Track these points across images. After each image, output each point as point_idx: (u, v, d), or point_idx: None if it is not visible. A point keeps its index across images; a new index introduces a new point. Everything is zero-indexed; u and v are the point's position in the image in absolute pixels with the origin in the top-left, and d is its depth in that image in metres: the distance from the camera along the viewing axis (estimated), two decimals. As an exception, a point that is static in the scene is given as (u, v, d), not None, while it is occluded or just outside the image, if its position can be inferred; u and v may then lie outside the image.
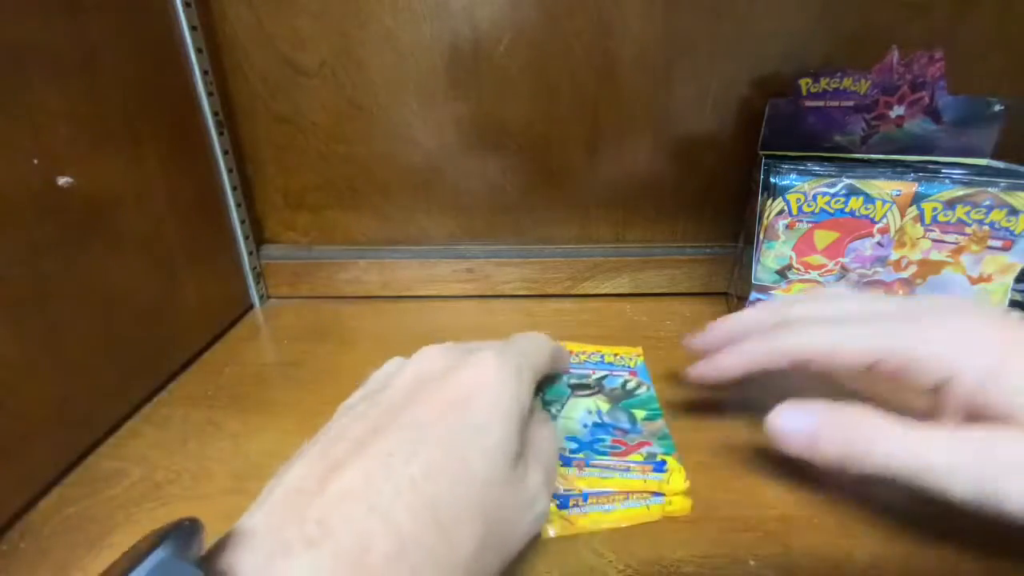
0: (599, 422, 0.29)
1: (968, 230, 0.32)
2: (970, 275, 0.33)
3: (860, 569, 0.21)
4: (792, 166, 0.34)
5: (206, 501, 0.26)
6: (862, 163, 0.35)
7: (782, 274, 0.36)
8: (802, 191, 0.34)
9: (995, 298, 0.33)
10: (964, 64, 0.34)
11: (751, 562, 0.22)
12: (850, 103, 0.35)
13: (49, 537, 0.24)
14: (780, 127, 0.38)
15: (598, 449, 0.27)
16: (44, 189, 0.26)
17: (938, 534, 0.22)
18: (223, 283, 0.42)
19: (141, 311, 0.33)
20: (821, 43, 0.39)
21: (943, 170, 0.33)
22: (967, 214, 0.31)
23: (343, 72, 0.40)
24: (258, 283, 0.46)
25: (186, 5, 0.35)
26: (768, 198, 0.35)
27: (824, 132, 0.37)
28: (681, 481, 0.25)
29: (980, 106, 0.34)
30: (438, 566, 0.16)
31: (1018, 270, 0.32)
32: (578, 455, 0.27)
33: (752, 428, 0.28)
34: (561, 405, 0.31)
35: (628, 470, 0.26)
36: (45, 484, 0.26)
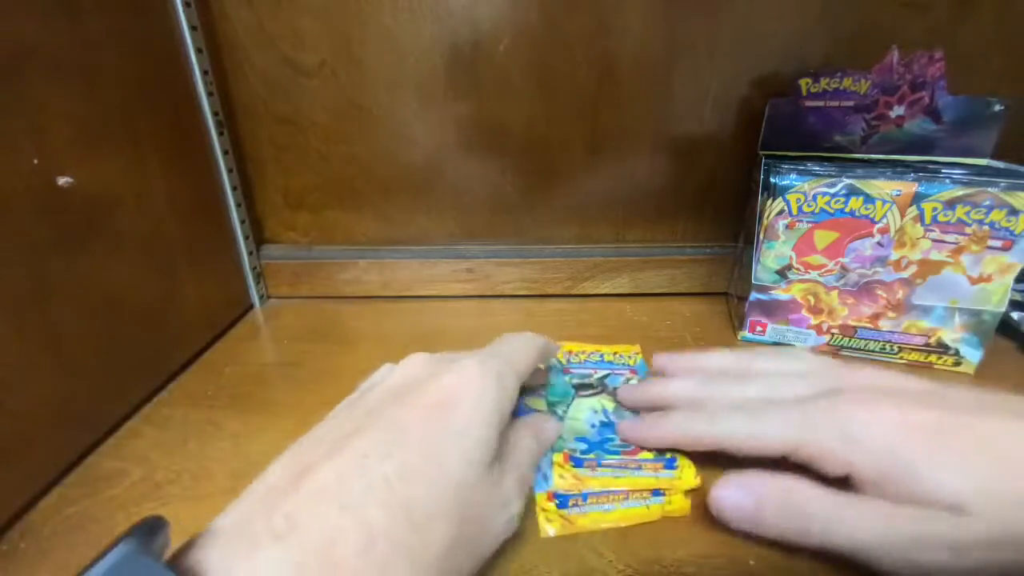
0: (606, 421, 0.29)
1: (968, 230, 0.32)
2: (970, 275, 0.33)
3: (860, 569, 0.21)
4: (792, 166, 0.34)
5: (206, 501, 0.26)
6: (862, 163, 0.35)
7: (782, 274, 0.37)
8: (802, 191, 0.34)
9: (995, 298, 0.33)
10: (964, 64, 0.34)
11: (751, 562, 0.22)
12: (850, 103, 0.35)
13: (49, 537, 0.24)
14: (780, 127, 0.38)
15: (608, 449, 0.27)
16: (44, 189, 0.26)
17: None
18: (223, 283, 0.42)
19: (141, 311, 0.33)
20: (821, 43, 0.39)
21: (943, 170, 0.33)
22: (967, 214, 0.31)
23: (343, 72, 0.40)
24: (258, 283, 0.46)
25: (186, 5, 0.35)
26: (768, 198, 0.35)
27: (824, 132, 0.37)
28: (692, 477, 0.25)
29: (980, 106, 0.34)
30: (409, 562, 0.16)
31: (1018, 270, 0.32)
32: (589, 456, 0.27)
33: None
34: (567, 406, 0.31)
35: (639, 468, 0.26)
36: (45, 484, 0.26)
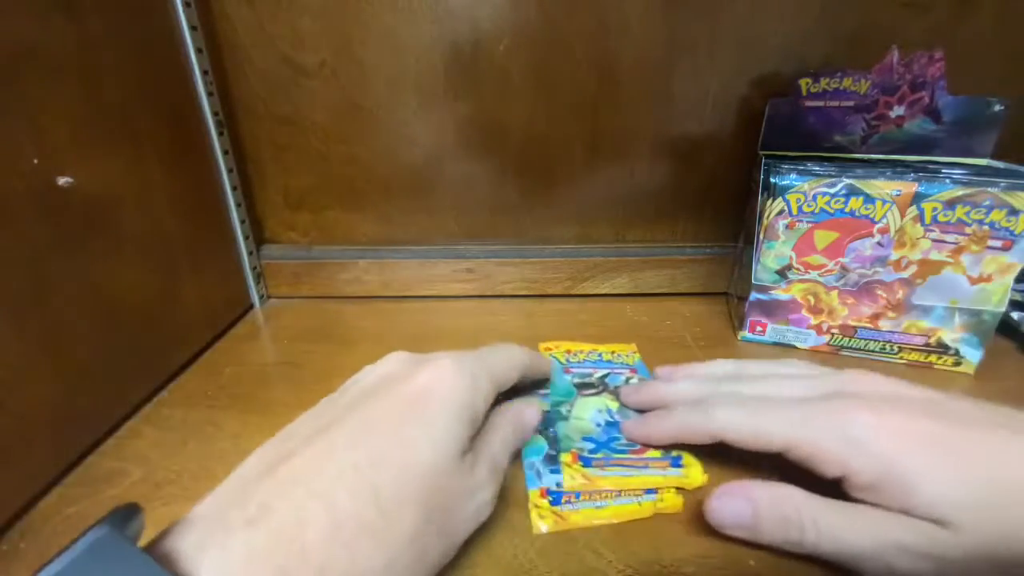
0: (611, 421, 0.29)
1: (968, 230, 0.32)
2: (970, 275, 0.33)
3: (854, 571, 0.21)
4: (792, 166, 0.34)
5: (206, 501, 0.26)
6: (862, 163, 0.35)
7: (782, 274, 0.37)
8: (802, 191, 0.34)
9: (995, 298, 0.33)
10: (964, 64, 0.34)
11: (751, 562, 0.22)
12: (850, 103, 0.35)
13: (49, 537, 0.24)
14: (780, 127, 0.38)
15: (615, 448, 0.27)
16: (44, 189, 0.26)
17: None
18: (223, 283, 0.42)
19: (141, 311, 0.33)
20: (821, 43, 0.39)
21: (943, 170, 0.33)
22: (967, 214, 0.31)
23: (343, 72, 0.40)
24: (258, 283, 0.46)
25: (186, 5, 0.35)
26: (768, 198, 0.35)
27: (824, 132, 0.37)
28: (699, 475, 0.26)
29: (980, 106, 0.34)
30: (377, 544, 0.17)
31: (1018, 270, 0.32)
32: (597, 455, 0.27)
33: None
34: (570, 405, 0.31)
35: (647, 467, 0.26)
36: (45, 484, 0.26)
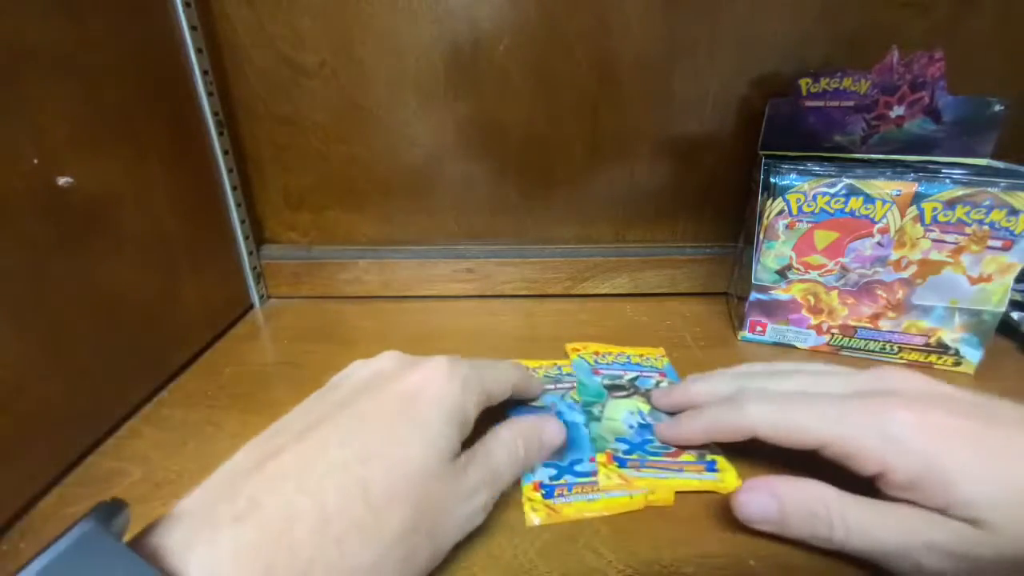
0: (643, 423, 0.29)
1: (968, 230, 0.32)
2: (970, 275, 0.33)
3: (859, 569, 0.21)
4: (792, 166, 0.34)
5: (206, 501, 0.26)
6: (862, 163, 0.35)
7: (782, 274, 0.37)
8: (802, 191, 0.34)
9: (995, 298, 0.33)
10: (964, 64, 0.34)
11: (751, 562, 0.22)
12: (850, 103, 0.35)
13: (49, 537, 0.24)
14: (780, 127, 0.38)
15: (649, 450, 0.27)
16: (44, 189, 0.26)
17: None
18: (223, 283, 0.42)
19: (141, 311, 0.33)
20: (821, 43, 0.39)
21: (943, 170, 0.33)
22: (967, 214, 0.31)
23: (343, 72, 0.40)
24: (258, 283, 0.46)
25: (186, 5, 0.35)
26: (768, 198, 0.35)
27: (824, 132, 0.37)
28: (734, 479, 0.25)
29: (980, 106, 0.34)
30: (365, 540, 0.17)
31: (1018, 270, 0.32)
32: (631, 456, 0.27)
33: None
34: (601, 406, 0.31)
35: (682, 470, 0.26)
36: (45, 484, 0.26)
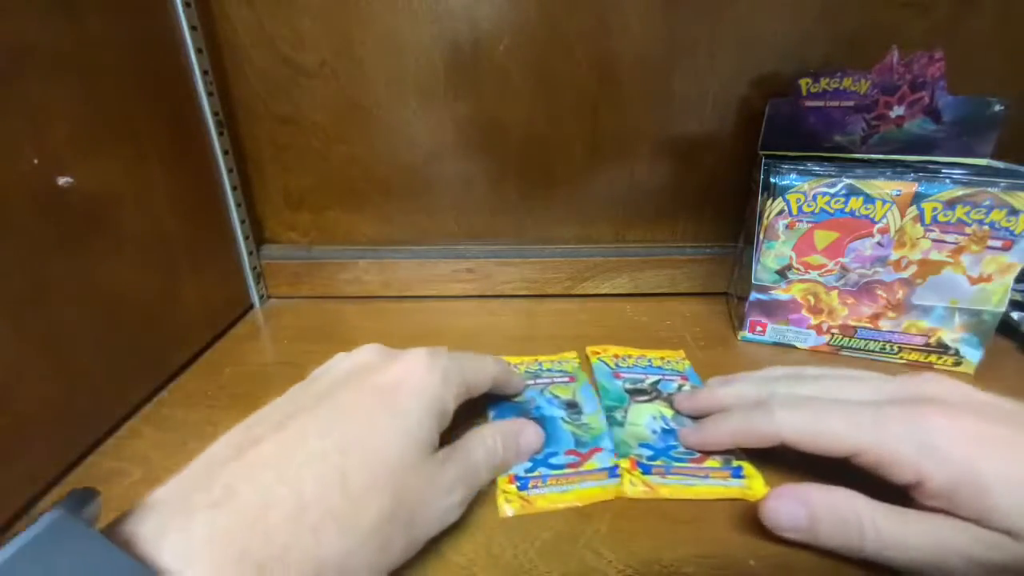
0: (667, 428, 0.29)
1: (968, 230, 0.32)
2: (970, 275, 0.33)
3: (859, 570, 0.21)
4: (792, 166, 0.34)
5: (206, 501, 0.26)
6: (862, 163, 0.35)
7: (782, 274, 0.37)
8: (802, 191, 0.34)
9: (995, 298, 0.33)
10: (964, 64, 0.34)
11: (751, 562, 0.22)
12: (850, 103, 0.35)
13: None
14: (780, 127, 0.38)
15: (673, 456, 0.27)
16: (44, 189, 0.26)
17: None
18: (223, 283, 0.42)
19: (141, 311, 0.33)
20: (821, 43, 0.39)
21: (943, 170, 0.33)
22: (967, 214, 0.31)
23: (343, 72, 0.40)
24: (258, 283, 0.46)
25: (186, 5, 0.35)
26: (768, 198, 0.35)
27: (824, 132, 0.37)
28: (761, 486, 0.25)
29: (980, 106, 0.34)
30: (341, 529, 0.17)
31: (1018, 270, 0.32)
32: (656, 462, 0.26)
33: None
34: (624, 411, 0.30)
35: (707, 477, 0.26)
36: (45, 484, 0.26)
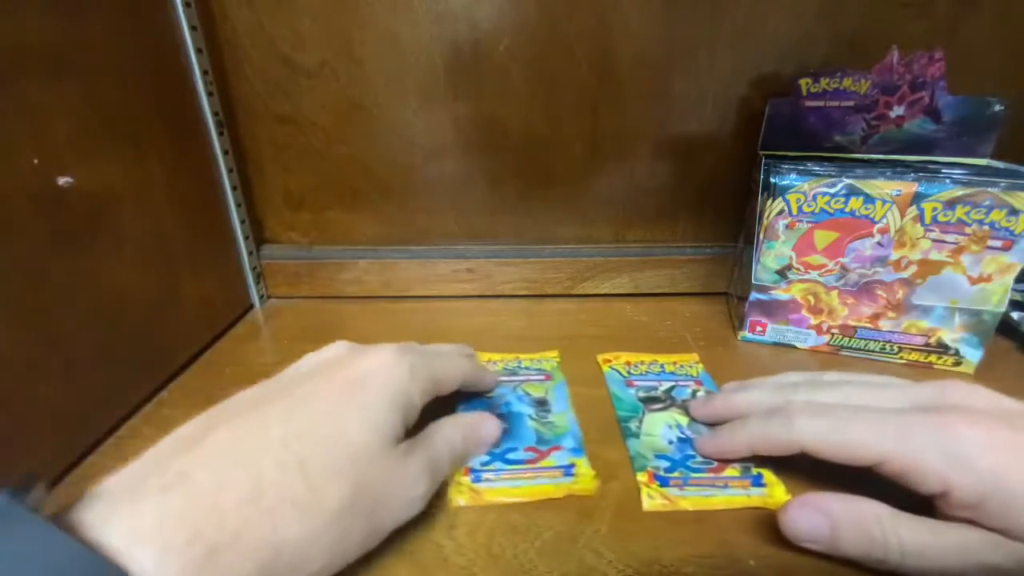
0: (683, 437, 0.28)
1: (968, 230, 0.32)
2: (970, 275, 0.33)
3: (859, 569, 0.21)
4: (792, 166, 0.34)
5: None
6: (862, 163, 0.35)
7: (782, 274, 0.37)
8: (802, 191, 0.34)
9: (995, 298, 0.33)
10: (964, 64, 0.34)
11: (751, 562, 0.22)
12: (850, 103, 0.35)
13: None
14: (780, 127, 0.38)
15: (691, 466, 0.26)
16: (44, 189, 0.26)
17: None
18: (223, 283, 0.42)
19: (141, 311, 0.33)
20: (821, 43, 0.39)
21: (943, 170, 0.33)
22: (967, 214, 0.31)
23: (343, 72, 0.40)
24: (258, 283, 0.46)
25: (186, 5, 0.35)
26: (768, 198, 0.35)
27: (824, 132, 0.37)
28: (782, 494, 0.25)
29: (980, 106, 0.34)
30: (301, 514, 0.17)
31: (1018, 270, 0.32)
32: (673, 474, 0.26)
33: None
34: (639, 421, 0.30)
35: (727, 486, 0.25)
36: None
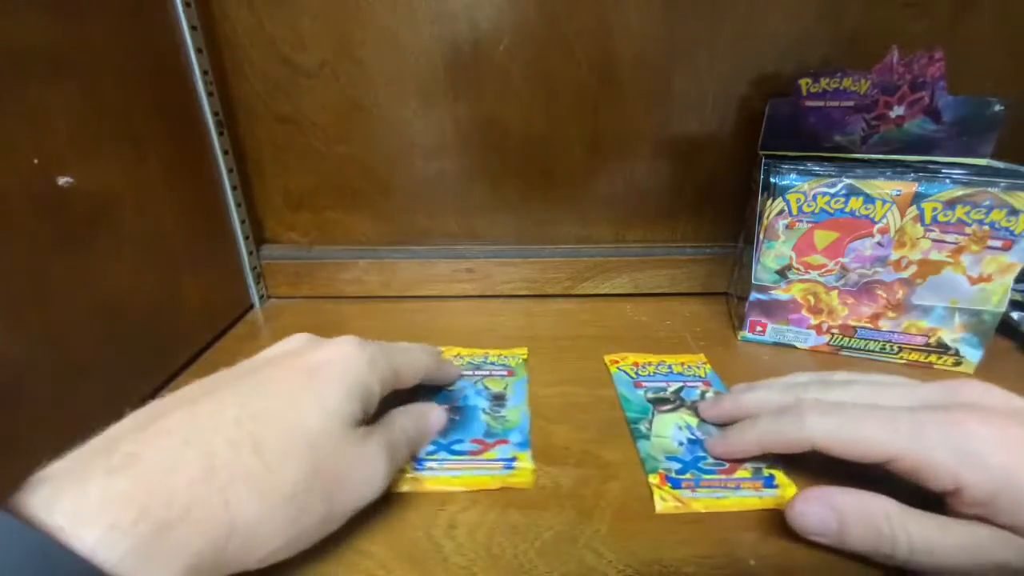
0: (693, 438, 0.28)
1: (968, 230, 0.32)
2: (970, 275, 0.33)
3: (859, 569, 0.21)
4: (792, 166, 0.34)
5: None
6: (862, 163, 0.35)
7: (782, 274, 0.37)
8: (802, 191, 0.34)
9: (995, 298, 0.33)
10: (964, 64, 0.34)
11: (751, 562, 0.22)
12: (850, 103, 0.35)
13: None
14: (780, 127, 0.38)
15: (702, 468, 0.26)
16: (44, 189, 0.26)
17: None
18: (223, 283, 0.42)
19: (141, 311, 0.33)
20: (821, 43, 0.39)
21: (943, 170, 0.33)
22: (967, 214, 0.31)
23: (343, 72, 0.40)
24: (258, 283, 0.46)
25: (186, 5, 0.35)
26: (768, 198, 0.35)
27: (824, 132, 0.37)
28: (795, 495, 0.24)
29: (980, 106, 0.34)
30: (252, 491, 0.17)
31: (1018, 270, 0.32)
32: (685, 475, 0.26)
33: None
34: (648, 422, 0.30)
35: (739, 488, 0.25)
36: (45, 484, 0.26)
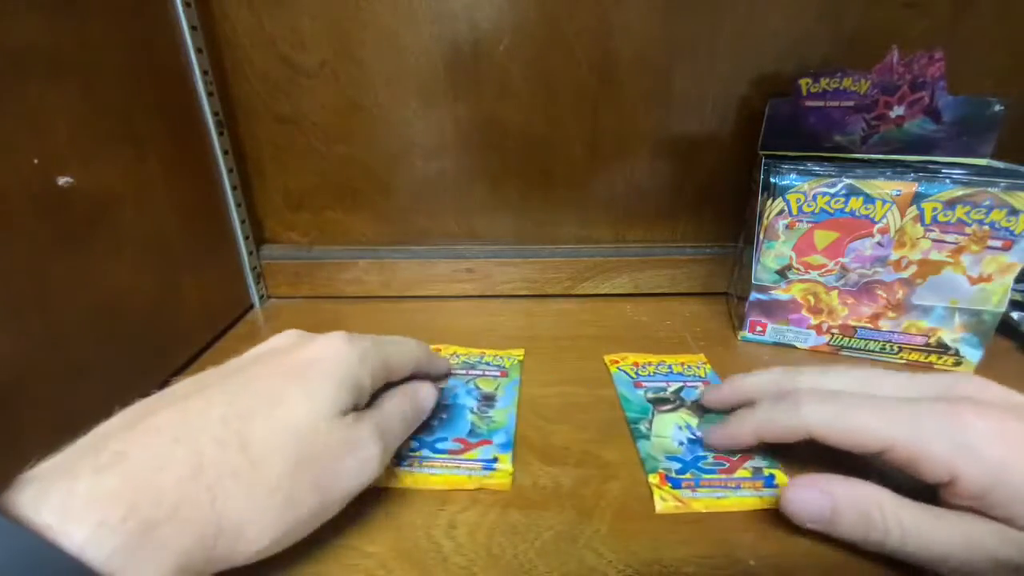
0: (692, 438, 0.28)
1: (968, 230, 0.32)
2: (970, 275, 0.33)
3: (860, 569, 0.21)
4: (792, 166, 0.34)
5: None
6: (862, 163, 0.35)
7: (782, 274, 0.37)
8: (802, 191, 0.34)
9: (995, 298, 0.33)
10: (964, 64, 0.34)
11: (751, 562, 0.22)
12: (850, 103, 0.35)
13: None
14: (780, 127, 0.38)
15: (703, 467, 0.26)
16: (44, 189, 0.26)
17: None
18: (223, 283, 0.42)
19: (141, 311, 0.33)
20: (821, 43, 0.39)
21: (943, 170, 0.33)
22: (967, 214, 0.31)
23: (343, 72, 0.40)
24: (258, 283, 0.46)
25: (186, 5, 0.35)
26: (768, 198, 0.35)
27: (824, 132, 0.37)
28: None
29: (980, 106, 0.34)
30: (240, 487, 0.17)
31: (1018, 270, 0.32)
32: (685, 475, 0.26)
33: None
34: (648, 422, 0.30)
35: (739, 487, 0.25)
36: (45, 484, 0.26)
